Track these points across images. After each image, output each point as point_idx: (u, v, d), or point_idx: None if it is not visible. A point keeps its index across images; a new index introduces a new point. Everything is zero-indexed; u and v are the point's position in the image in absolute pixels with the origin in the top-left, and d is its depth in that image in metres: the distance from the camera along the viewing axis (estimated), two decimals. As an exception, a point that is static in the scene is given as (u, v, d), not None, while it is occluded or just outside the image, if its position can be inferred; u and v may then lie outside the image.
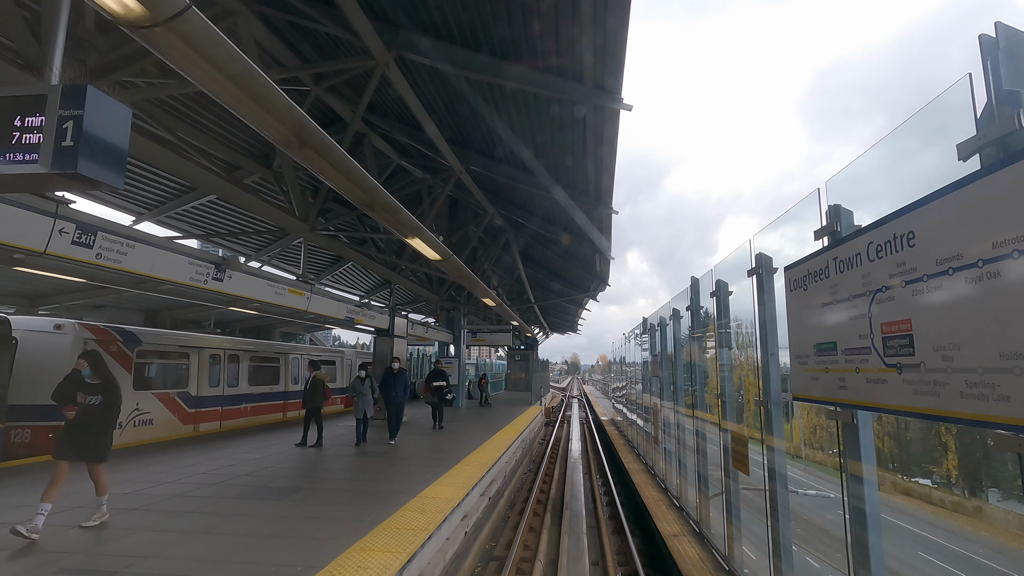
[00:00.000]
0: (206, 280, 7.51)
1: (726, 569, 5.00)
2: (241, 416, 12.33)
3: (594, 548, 7.37)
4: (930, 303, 2.04)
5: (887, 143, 2.56)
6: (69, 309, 12.37)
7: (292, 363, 14.75)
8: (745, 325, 5.03)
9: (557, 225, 11.64)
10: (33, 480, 6.39)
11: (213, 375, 11.39)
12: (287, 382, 14.39)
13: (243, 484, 6.27)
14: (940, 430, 11.26)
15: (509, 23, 5.20)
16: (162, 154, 5.14)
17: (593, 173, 8.10)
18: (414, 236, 6.46)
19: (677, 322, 7.91)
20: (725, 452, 5.10)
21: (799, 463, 13.86)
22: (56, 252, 5.22)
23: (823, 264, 2.92)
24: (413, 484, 6.36)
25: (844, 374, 2.68)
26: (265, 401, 13.51)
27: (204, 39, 2.62)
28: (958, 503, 10.73)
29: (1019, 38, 1.82)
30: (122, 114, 2.47)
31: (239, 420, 12.17)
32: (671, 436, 8.28)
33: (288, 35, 6.27)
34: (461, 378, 18.12)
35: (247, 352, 12.89)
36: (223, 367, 11.73)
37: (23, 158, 2.28)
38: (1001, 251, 1.71)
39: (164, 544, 4.22)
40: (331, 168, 4.26)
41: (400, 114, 8.00)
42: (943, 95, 2.07)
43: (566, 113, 6.58)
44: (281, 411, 14.12)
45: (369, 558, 3.96)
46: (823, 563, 8.39)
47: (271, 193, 9.17)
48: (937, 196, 2.02)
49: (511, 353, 26.59)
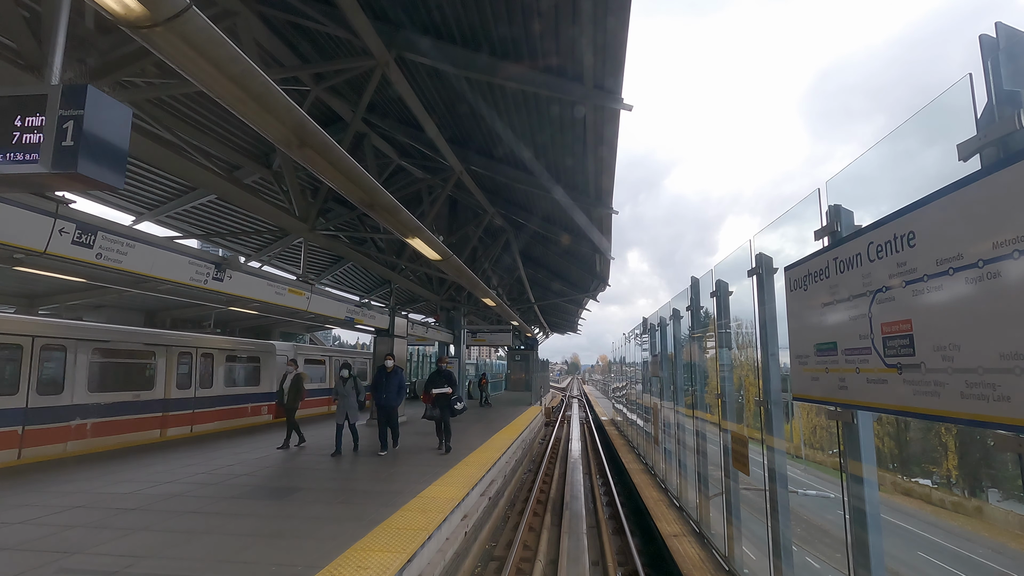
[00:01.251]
0: (206, 280, 7.51)
1: (726, 569, 5.00)
2: (216, 420, 11.69)
3: (594, 548, 7.36)
4: (930, 303, 2.04)
5: (887, 143, 2.55)
6: (69, 309, 12.38)
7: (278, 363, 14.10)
8: (745, 325, 5.03)
9: (557, 225, 11.64)
10: (33, 480, 6.40)
11: (183, 376, 10.84)
12: (271, 383, 13.71)
13: (243, 484, 6.27)
14: (940, 430, 11.26)
15: (509, 23, 5.20)
16: (162, 154, 5.14)
17: (593, 173, 8.10)
18: (414, 236, 6.46)
19: (677, 322, 7.91)
20: (725, 452, 5.10)
21: (799, 463, 13.86)
22: (56, 252, 5.21)
23: (823, 264, 2.92)
24: (413, 484, 6.36)
25: (844, 374, 2.68)
26: (245, 403, 12.81)
27: (204, 39, 2.62)
28: (958, 503, 10.72)
29: (1019, 38, 1.82)
30: (122, 114, 2.46)
31: (212, 424, 11.55)
32: (671, 436, 8.28)
33: (288, 35, 6.27)
34: (461, 378, 18.10)
35: (223, 351, 12.19)
36: (194, 367, 11.17)
37: (23, 158, 2.28)
38: (1001, 251, 1.71)
39: (164, 544, 4.22)
40: (331, 168, 4.25)
41: (400, 114, 8.00)
42: (943, 95, 2.07)
43: (566, 113, 6.58)
44: (267, 413, 13.52)
45: (369, 558, 3.96)
46: (823, 563, 8.39)
47: (271, 193, 9.16)
48: (937, 196, 2.02)
49: (511, 353, 26.59)
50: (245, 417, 12.83)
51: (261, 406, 13.57)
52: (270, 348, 14.10)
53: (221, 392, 12.01)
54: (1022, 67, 1.80)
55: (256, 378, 13.45)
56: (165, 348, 10.49)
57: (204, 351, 11.58)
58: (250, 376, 13.28)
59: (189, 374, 11.09)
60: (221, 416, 11.94)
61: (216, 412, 11.77)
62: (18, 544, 4.16)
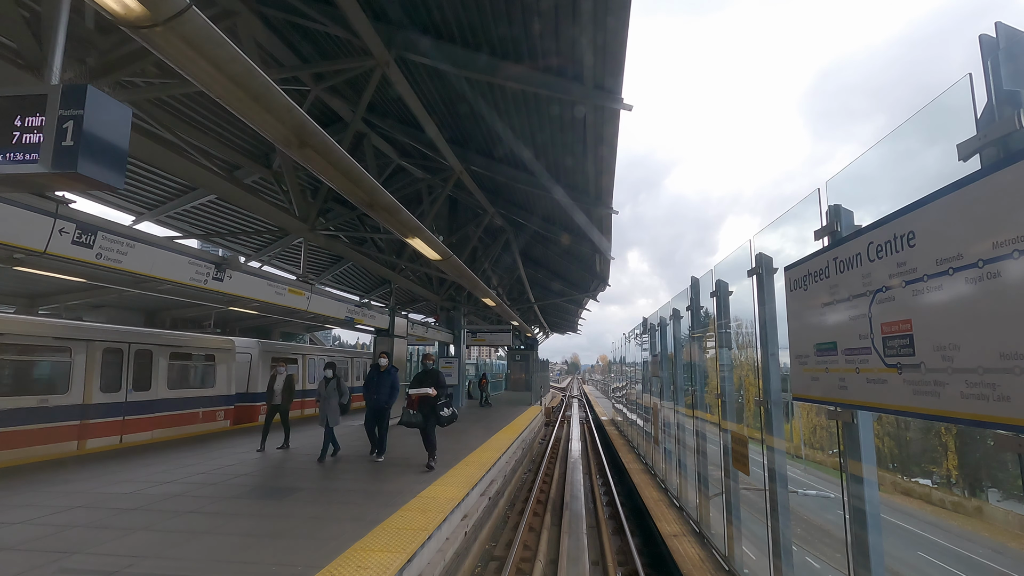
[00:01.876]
0: (206, 280, 7.51)
1: (726, 569, 5.00)
2: (155, 428, 10.14)
3: (594, 548, 7.37)
4: (930, 303, 2.04)
5: (887, 143, 2.56)
6: (69, 309, 12.39)
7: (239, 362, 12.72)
8: (745, 325, 5.04)
9: (557, 225, 11.64)
10: (33, 480, 6.40)
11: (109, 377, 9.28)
12: (229, 384, 12.18)
13: (243, 484, 6.27)
14: (940, 430, 11.26)
15: (509, 23, 5.20)
16: (162, 154, 5.14)
17: (593, 173, 8.10)
18: (414, 236, 6.46)
19: (677, 322, 7.91)
20: (725, 452, 5.10)
21: (799, 463, 13.86)
22: (56, 252, 5.21)
23: (823, 264, 2.92)
24: (413, 484, 6.36)
25: (844, 374, 2.68)
26: (195, 408, 11.14)
27: (204, 39, 2.62)
28: (958, 503, 10.72)
29: (1019, 38, 1.82)
30: (122, 114, 2.47)
31: (150, 433, 9.99)
32: (671, 436, 8.28)
33: (288, 35, 6.27)
34: (461, 379, 18.09)
35: (165, 348, 10.53)
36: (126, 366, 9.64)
37: (23, 158, 2.28)
38: (1001, 251, 1.71)
39: (164, 544, 4.22)
40: (331, 168, 4.26)
41: (400, 114, 8.00)
42: (943, 95, 2.07)
43: (566, 113, 6.58)
44: (223, 419, 11.94)
45: (369, 558, 3.96)
46: (823, 563, 8.39)
47: (271, 193, 9.17)
48: (937, 196, 2.02)
49: (511, 353, 26.60)
50: (195, 424, 11.11)
51: (216, 411, 11.71)
52: (227, 345, 12.39)
53: (163, 396, 10.37)
54: (1022, 67, 1.80)
55: (212, 379, 11.75)
56: (85, 344, 8.85)
57: (140, 347, 9.95)
58: (203, 377, 11.59)
59: (119, 375, 9.49)
60: (162, 423, 10.30)
61: (155, 419, 10.16)
62: (18, 544, 4.16)
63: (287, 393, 8.90)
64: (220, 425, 11.85)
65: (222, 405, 11.99)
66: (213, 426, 11.62)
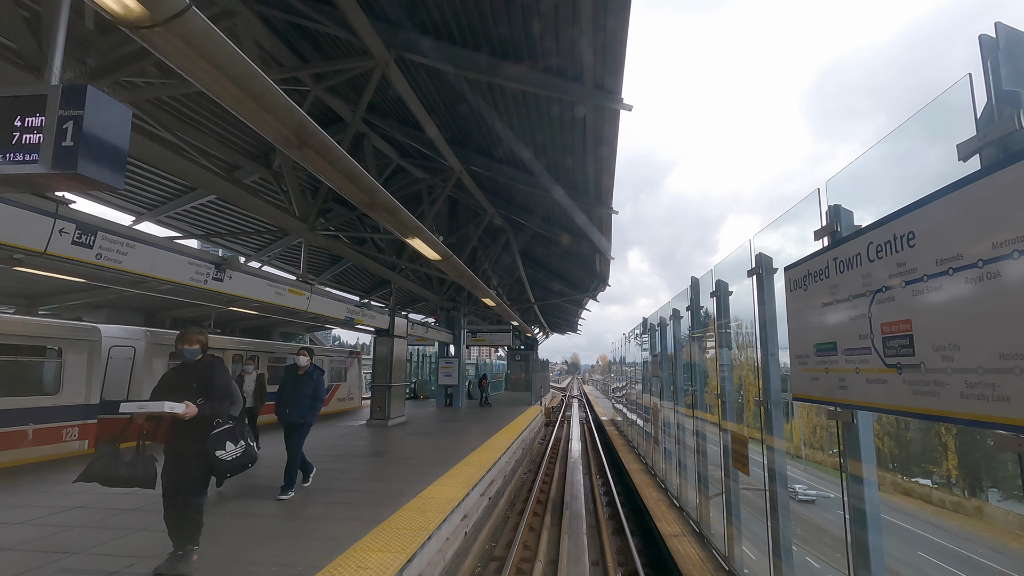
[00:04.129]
0: (206, 280, 7.50)
1: (726, 569, 5.00)
2: None
3: (594, 548, 7.36)
4: (930, 303, 2.04)
5: (887, 143, 2.56)
6: (69, 309, 12.38)
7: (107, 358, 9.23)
8: (745, 325, 5.04)
9: (557, 225, 11.65)
10: (33, 480, 6.40)
11: None
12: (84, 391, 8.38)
13: (242, 484, 6.27)
14: (940, 430, 11.26)
15: (509, 23, 5.20)
16: (162, 154, 5.14)
17: (593, 173, 8.10)
18: (414, 236, 6.46)
19: (677, 322, 7.91)
20: (725, 452, 5.10)
21: (799, 463, 13.87)
22: (56, 252, 5.20)
23: (823, 264, 2.92)
24: (413, 484, 6.36)
25: (844, 374, 2.68)
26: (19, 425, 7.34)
27: (204, 39, 2.62)
28: (958, 503, 10.73)
29: (1019, 38, 1.82)
30: (122, 114, 2.46)
31: None
32: (671, 436, 8.28)
33: (288, 35, 6.28)
34: (461, 379, 18.09)
35: None
36: None
37: (23, 158, 2.28)
38: (1001, 251, 1.71)
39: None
40: (331, 168, 4.26)
41: (400, 114, 8.00)
42: (943, 95, 2.07)
43: (566, 113, 6.58)
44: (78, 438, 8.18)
45: (369, 558, 3.96)
46: (823, 563, 8.39)
47: (271, 193, 9.16)
48: (937, 196, 2.02)
49: (511, 353, 26.63)
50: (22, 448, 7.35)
51: (61, 428, 7.97)
52: (84, 334, 8.55)
53: None
54: (1022, 67, 1.80)
55: (54, 384, 8.03)
56: None
57: None
58: (32, 381, 7.84)
59: None
60: None
61: None
62: (18, 544, 4.15)
63: (258, 395, 8.17)
64: (68, 448, 8.06)
65: (69, 420, 8.17)
66: (58, 450, 7.90)
